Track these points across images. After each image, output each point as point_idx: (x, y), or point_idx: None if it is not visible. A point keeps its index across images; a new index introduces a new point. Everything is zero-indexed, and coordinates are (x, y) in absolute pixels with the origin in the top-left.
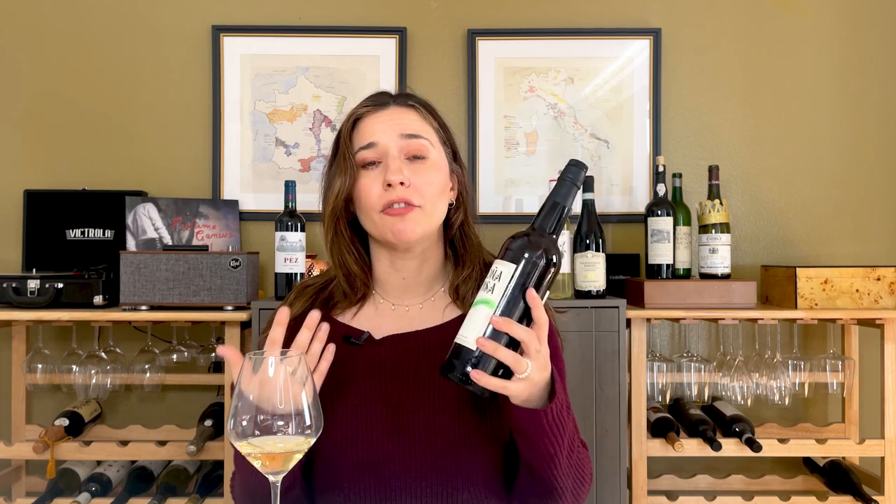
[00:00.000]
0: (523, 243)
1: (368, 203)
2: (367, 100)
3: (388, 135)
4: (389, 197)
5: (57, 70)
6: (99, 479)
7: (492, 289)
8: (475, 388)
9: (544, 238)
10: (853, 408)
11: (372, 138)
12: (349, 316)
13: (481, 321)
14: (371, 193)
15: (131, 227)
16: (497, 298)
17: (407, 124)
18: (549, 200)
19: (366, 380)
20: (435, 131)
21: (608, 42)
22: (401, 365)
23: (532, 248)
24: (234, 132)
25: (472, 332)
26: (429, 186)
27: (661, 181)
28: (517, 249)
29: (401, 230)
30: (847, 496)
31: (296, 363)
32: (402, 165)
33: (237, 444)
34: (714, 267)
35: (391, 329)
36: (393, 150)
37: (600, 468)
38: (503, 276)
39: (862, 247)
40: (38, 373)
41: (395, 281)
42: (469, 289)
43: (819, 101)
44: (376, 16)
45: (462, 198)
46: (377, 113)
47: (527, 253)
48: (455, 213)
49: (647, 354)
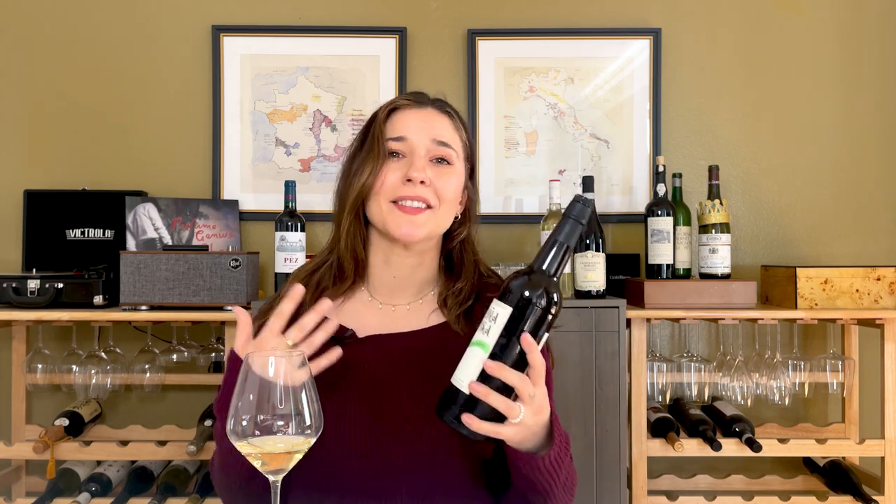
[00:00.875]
0: (522, 284)
1: (382, 189)
2: (406, 94)
3: (420, 134)
4: (406, 192)
5: (57, 70)
6: (99, 479)
7: (487, 331)
8: (467, 431)
9: (545, 279)
10: (853, 408)
11: (404, 132)
12: (334, 309)
13: (475, 364)
14: (387, 180)
15: (131, 227)
16: (492, 341)
17: (440, 130)
18: (551, 239)
19: (346, 379)
20: (462, 144)
21: (608, 42)
22: (382, 367)
23: (531, 289)
24: (234, 132)
25: (466, 376)
26: (446, 189)
27: (661, 181)
28: (516, 290)
29: (406, 232)
30: (847, 496)
31: (297, 362)
32: (427, 166)
33: (237, 444)
34: (714, 267)
35: (375, 327)
36: (421, 149)
37: (600, 468)
38: (499, 318)
39: (862, 247)
40: (38, 373)
41: (386, 278)
42: (457, 302)
43: (819, 101)
44: (376, 16)
45: (468, 214)
46: (414, 110)
47: (525, 295)
48: (458, 228)
49: (647, 354)
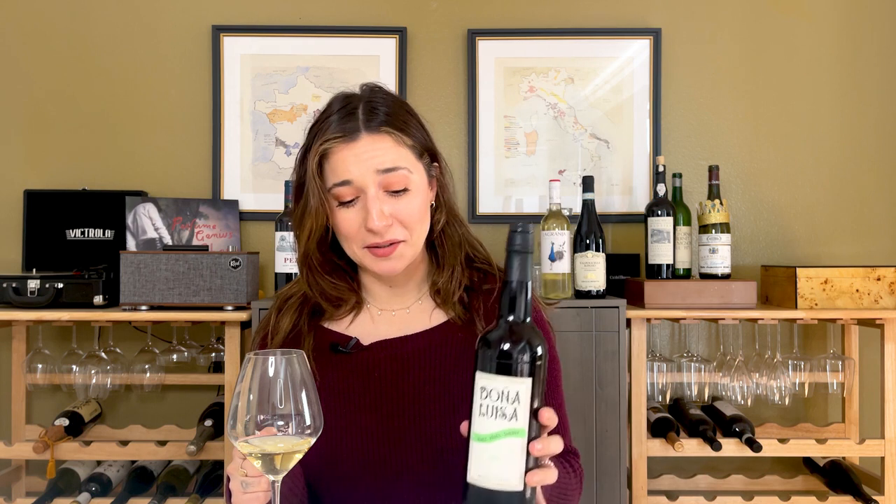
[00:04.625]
0: (522, 348)
1: (349, 235)
2: (333, 129)
3: (362, 169)
4: (373, 240)
5: (57, 70)
6: (99, 479)
7: (513, 415)
8: None
9: (527, 327)
10: (853, 408)
11: (346, 175)
12: (336, 322)
13: (518, 456)
14: (352, 227)
15: (131, 227)
16: (525, 423)
17: (382, 158)
18: (506, 285)
19: (355, 387)
20: (410, 149)
21: (608, 42)
22: (391, 371)
23: (531, 347)
24: (234, 132)
25: (510, 472)
26: (411, 216)
27: (661, 181)
28: (519, 357)
29: (388, 269)
30: (847, 496)
31: (296, 363)
32: (383, 202)
33: (237, 444)
34: (714, 267)
35: (380, 334)
36: (371, 187)
37: (600, 468)
38: (521, 395)
39: (862, 247)
40: (38, 373)
41: (381, 290)
42: (451, 290)
43: (819, 101)
44: (376, 16)
45: (441, 198)
46: (348, 145)
47: (537, 354)
48: (436, 215)
49: (647, 354)
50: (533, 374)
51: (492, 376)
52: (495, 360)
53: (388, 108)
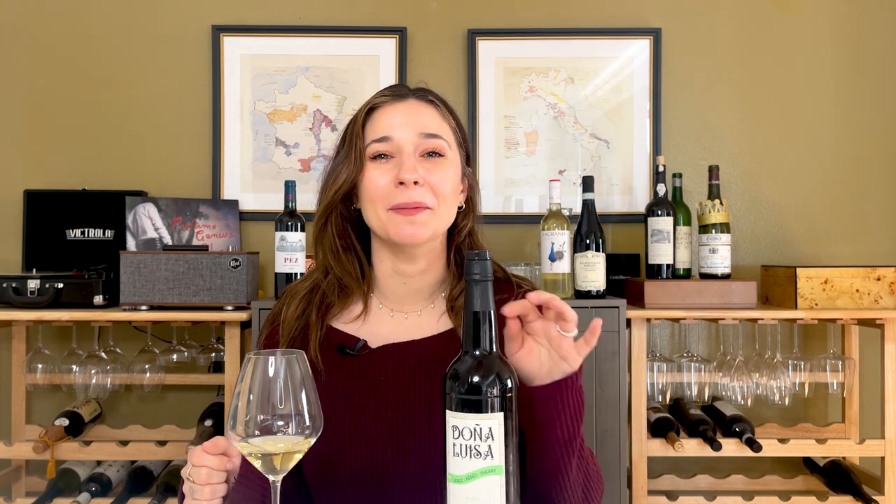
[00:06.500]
0: (491, 382)
1: (375, 196)
2: (384, 90)
3: (405, 131)
4: (402, 199)
5: (57, 70)
6: (99, 479)
7: (488, 453)
8: None
9: (494, 359)
10: (853, 408)
11: (388, 132)
12: (345, 321)
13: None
14: (379, 186)
15: (131, 227)
16: (501, 460)
17: (426, 122)
18: (467, 316)
19: (361, 390)
20: (452, 131)
21: (608, 42)
22: (397, 375)
23: (500, 380)
24: (234, 132)
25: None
26: (443, 184)
27: (661, 181)
28: (489, 391)
29: (409, 234)
30: (847, 496)
31: (296, 364)
32: (417, 163)
33: (237, 444)
34: (714, 267)
35: (388, 336)
36: (409, 146)
37: (601, 468)
38: (495, 431)
39: (862, 247)
40: (38, 373)
41: (395, 286)
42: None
43: (819, 101)
44: (376, 16)
45: (471, 203)
46: (395, 105)
47: (507, 386)
48: (463, 219)
49: (647, 354)
50: (505, 409)
51: (462, 415)
52: (464, 397)
53: (436, 93)
